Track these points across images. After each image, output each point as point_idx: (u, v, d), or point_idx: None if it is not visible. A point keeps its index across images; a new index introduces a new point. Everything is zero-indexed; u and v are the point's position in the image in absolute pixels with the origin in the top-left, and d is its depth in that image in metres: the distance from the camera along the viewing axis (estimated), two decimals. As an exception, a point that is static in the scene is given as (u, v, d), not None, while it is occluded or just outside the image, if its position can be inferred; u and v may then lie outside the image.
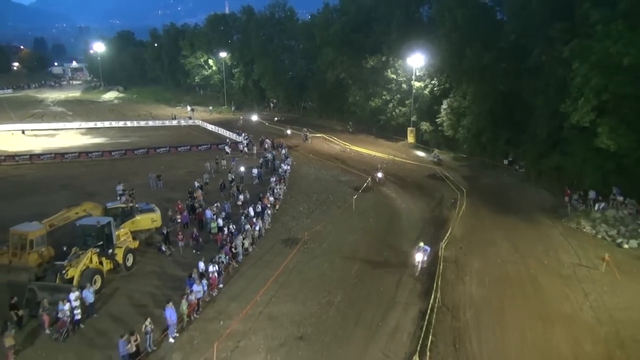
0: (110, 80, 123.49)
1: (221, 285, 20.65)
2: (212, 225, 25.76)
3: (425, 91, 48.53)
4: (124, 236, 22.67)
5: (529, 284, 21.24)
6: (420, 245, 22.19)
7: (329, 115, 67.44)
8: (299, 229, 27.49)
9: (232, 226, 25.01)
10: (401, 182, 37.57)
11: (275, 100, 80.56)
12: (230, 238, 23.84)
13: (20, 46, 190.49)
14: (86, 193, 31.95)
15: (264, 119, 69.85)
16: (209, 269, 20.18)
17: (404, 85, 52.15)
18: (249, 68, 79.99)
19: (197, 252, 23.43)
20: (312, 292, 20.39)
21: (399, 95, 52.95)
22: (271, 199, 30.01)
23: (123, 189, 30.94)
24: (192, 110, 77.63)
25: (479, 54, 37.44)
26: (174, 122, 67.83)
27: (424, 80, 48.98)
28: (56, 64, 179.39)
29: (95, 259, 20.43)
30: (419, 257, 21.85)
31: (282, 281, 21.18)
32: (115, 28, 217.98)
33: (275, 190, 31.63)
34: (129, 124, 66.37)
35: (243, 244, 23.71)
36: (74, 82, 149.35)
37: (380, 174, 36.92)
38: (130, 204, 25.23)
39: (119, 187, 30.99)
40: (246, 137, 50.62)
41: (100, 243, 20.90)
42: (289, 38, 77.10)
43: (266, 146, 47.30)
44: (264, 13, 77.98)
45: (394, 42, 50.57)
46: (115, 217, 22.89)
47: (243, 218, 26.51)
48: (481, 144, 40.93)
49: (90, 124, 65.35)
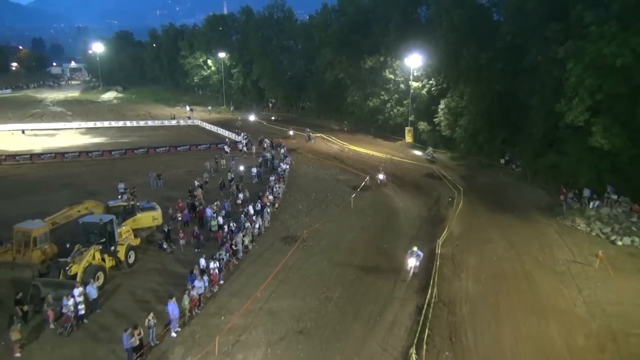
0: (109, 80, 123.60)
1: (222, 281, 20.95)
2: (213, 223, 26.02)
3: (423, 91, 48.90)
4: (125, 234, 22.97)
5: (524, 280, 21.60)
6: (414, 250, 21.56)
7: (327, 115, 67.64)
8: (298, 227, 27.81)
9: (232, 224, 25.31)
10: (399, 181, 37.83)
11: (273, 100, 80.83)
12: (230, 235, 24.10)
13: (19, 46, 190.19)
14: (87, 192, 32.07)
15: (262, 118, 70.18)
16: (210, 266, 20.49)
17: (401, 86, 52.43)
18: (247, 68, 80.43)
19: (198, 250, 23.66)
20: (311, 289, 20.70)
21: (396, 95, 53.24)
22: (270, 197, 30.34)
23: (125, 187, 31.23)
24: (191, 110, 77.82)
25: (476, 55, 37.75)
26: (173, 122, 68.00)
27: (422, 81, 49.32)
28: (55, 64, 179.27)
29: (98, 255, 20.71)
30: (412, 262, 21.19)
31: (282, 278, 21.49)
32: (113, 28, 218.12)
33: (274, 189, 31.92)
34: (128, 123, 66.50)
35: (243, 242, 24.01)
36: (73, 82, 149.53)
37: (381, 175, 36.50)
38: (131, 202, 25.51)
39: (121, 186, 31.26)
40: (245, 137, 50.93)
41: (103, 240, 21.16)
42: (288, 38, 77.44)
43: (265, 146, 47.61)
44: (263, 13, 78.32)
45: (392, 43, 50.88)
46: (116, 215, 23.10)
47: (243, 216, 26.79)
48: (478, 143, 41.25)
49: (90, 124, 65.49)
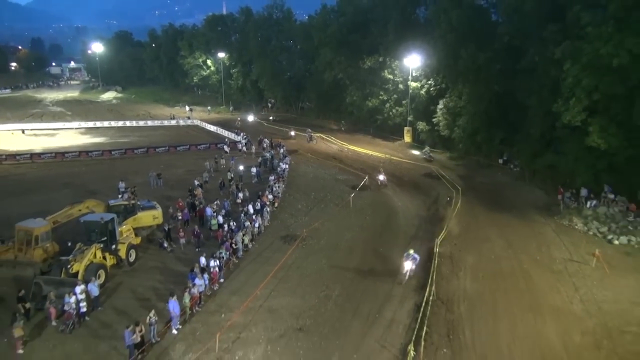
0: (109, 80, 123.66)
1: (222, 279, 21.12)
2: (213, 222, 26.19)
3: (422, 91, 49.08)
4: (126, 232, 23.13)
5: (521, 279, 21.82)
6: (410, 253, 21.06)
7: (326, 115, 67.77)
8: (298, 226, 27.99)
9: (232, 223, 25.46)
10: (398, 181, 37.96)
11: (273, 101, 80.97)
12: (230, 234, 24.27)
13: (19, 46, 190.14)
14: (87, 191, 32.21)
15: (261, 119, 70.35)
16: (210, 264, 20.66)
17: (400, 86, 52.64)
18: (247, 68, 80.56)
19: (199, 249, 23.80)
20: (311, 287, 20.88)
21: (395, 96, 53.45)
22: (270, 196, 30.52)
23: (125, 186, 31.40)
24: (191, 110, 77.96)
25: (474, 55, 37.98)
26: (173, 122, 68.17)
27: (421, 81, 49.50)
28: (54, 64, 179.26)
29: (99, 254, 20.86)
30: (408, 266, 20.82)
31: (281, 276, 21.66)
32: (112, 28, 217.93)
33: (274, 189, 32.08)
34: (127, 123, 66.62)
35: (243, 240, 24.17)
36: (72, 82, 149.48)
37: (381, 177, 36.06)
38: (132, 201, 25.69)
39: (121, 185, 31.43)
40: (244, 137, 51.12)
41: (104, 239, 21.33)
42: (287, 39, 77.52)
43: (264, 145, 47.81)
44: (262, 14, 78.39)
45: (390, 43, 51.06)
46: (117, 214, 23.23)
47: (243, 215, 26.94)
48: (476, 143, 41.47)
49: (90, 124, 65.61)
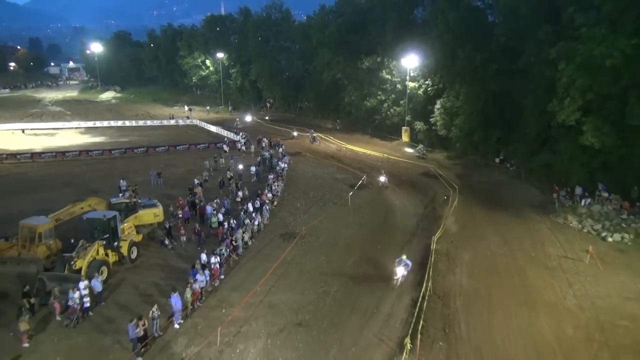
0: (108, 80, 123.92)
1: (222, 276, 21.51)
2: (213, 220, 26.55)
3: (419, 91, 49.38)
4: (128, 230, 23.51)
5: (516, 275, 22.21)
6: (402, 259, 20.78)
7: (324, 115, 68.11)
8: (297, 224, 28.36)
9: (232, 221, 25.80)
10: (396, 180, 38.19)
11: (271, 101, 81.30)
12: (230, 232, 24.62)
13: (17, 46, 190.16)
14: (88, 190, 32.47)
15: (260, 118, 70.70)
16: (211, 261, 21.03)
17: (398, 86, 52.99)
18: (246, 68, 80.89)
19: (200, 248, 24.04)
20: (310, 283, 21.26)
21: (393, 96, 53.82)
22: (269, 195, 30.88)
23: (127, 184, 31.74)
24: (190, 110, 78.31)
25: (471, 55, 38.36)
26: (172, 122, 68.49)
27: (418, 81, 49.81)
28: (52, 64, 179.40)
29: (102, 251, 21.23)
30: (400, 272, 20.48)
31: (281, 272, 22.03)
32: (110, 28, 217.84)
33: (273, 187, 32.45)
34: (127, 123, 66.90)
35: (243, 238, 24.53)
36: (71, 82, 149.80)
37: (383, 178, 35.74)
38: (133, 200, 26.05)
39: (123, 183, 31.75)
40: (244, 136, 51.48)
41: (107, 236, 21.73)
42: (286, 39, 77.92)
43: (263, 145, 48.18)
44: (261, 14, 78.77)
45: (388, 44, 51.41)
46: (119, 212, 23.55)
47: (242, 213, 27.29)
48: (473, 142, 41.84)
49: (89, 124, 65.88)
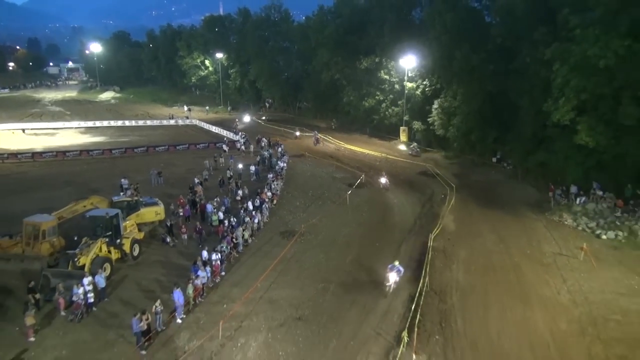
0: (107, 80, 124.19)
1: (223, 272, 21.88)
2: (214, 218, 26.95)
3: (417, 91, 49.82)
4: (130, 227, 23.85)
5: (511, 271, 22.65)
6: (395, 265, 20.44)
7: (323, 115, 68.48)
8: (296, 222, 28.73)
9: (233, 219, 26.17)
10: (394, 179, 38.42)
11: (270, 101, 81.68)
12: (230, 230, 24.99)
13: (16, 46, 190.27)
14: (89, 189, 32.59)
15: (258, 118, 71.05)
16: (212, 257, 21.42)
17: (396, 86, 53.40)
18: (245, 69, 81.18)
19: (201, 246, 24.32)
20: (309, 279, 21.65)
21: (391, 96, 54.20)
22: (269, 194, 31.25)
23: (129, 183, 32.07)
24: (189, 110, 78.71)
25: (468, 56, 38.73)
26: (172, 122, 68.82)
27: (416, 81, 50.24)
28: (51, 64, 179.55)
29: (105, 248, 21.60)
30: (392, 278, 20.10)
31: (281, 269, 22.41)
32: (109, 28, 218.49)
33: (272, 186, 32.82)
34: (127, 123, 67.22)
35: (243, 236, 24.91)
36: (70, 82, 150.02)
37: (384, 179, 35.60)
38: (135, 198, 26.42)
39: (125, 182, 32.07)
40: (243, 136, 51.84)
41: (109, 233, 22.07)
42: (285, 39, 78.29)
43: (263, 144, 48.55)
44: (260, 15, 79.18)
45: (387, 44, 51.82)
46: (121, 210, 23.88)
47: (242, 212, 27.67)
48: (471, 142, 42.23)
49: (89, 123, 66.18)
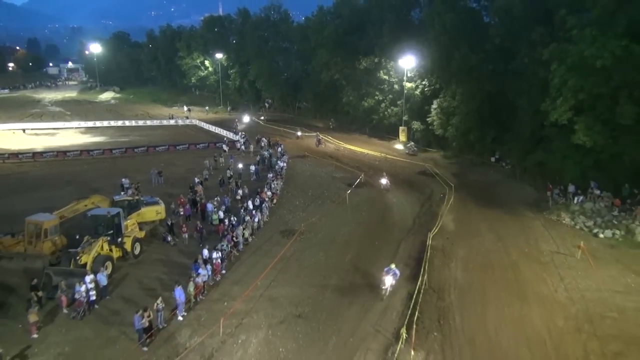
0: (107, 80, 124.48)
1: (224, 271, 22.07)
2: (214, 217, 27.14)
3: (416, 92, 50.06)
4: (131, 226, 24.01)
5: (509, 270, 22.85)
6: (391, 268, 20.18)
7: (323, 115, 68.67)
8: (296, 221, 28.92)
9: (233, 218, 26.34)
10: (393, 179, 38.54)
11: (270, 101, 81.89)
12: (231, 229, 25.15)
13: (16, 47, 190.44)
14: (90, 189, 32.64)
15: (258, 119, 71.25)
16: (213, 256, 21.59)
17: (395, 86, 53.60)
18: (244, 69, 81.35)
19: (202, 245, 24.54)
20: (309, 277, 21.85)
21: (391, 96, 54.41)
22: (269, 193, 31.45)
23: (130, 182, 32.24)
24: (189, 110, 78.92)
25: (467, 56, 38.96)
26: (172, 122, 69.01)
27: (415, 81, 50.48)
28: (51, 64, 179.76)
29: (106, 246, 21.79)
30: (389, 281, 19.89)
31: (281, 267, 22.60)
32: (108, 29, 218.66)
33: (272, 186, 33.02)
34: (127, 123, 67.43)
35: (243, 234, 25.10)
36: (70, 83, 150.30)
37: (384, 180, 35.48)
38: (136, 197, 26.60)
39: (126, 181, 32.26)
40: (243, 136, 52.04)
41: (111, 232, 22.24)
42: (284, 40, 78.56)
43: (262, 144, 48.76)
44: (259, 15, 79.41)
45: (386, 44, 52.03)
46: (122, 209, 24.00)
47: (242, 211, 27.87)
48: (469, 142, 42.44)
49: (89, 124, 66.40)
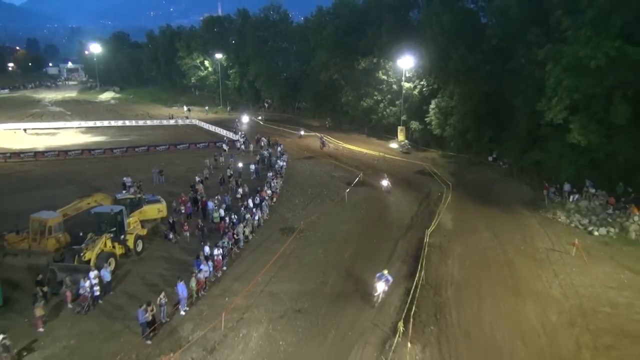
0: (106, 81, 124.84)
1: (225, 267, 22.50)
2: (215, 215, 27.52)
3: (415, 92, 50.46)
4: (134, 224, 24.42)
5: (505, 266, 23.30)
6: (384, 274, 19.86)
7: (322, 115, 68.96)
8: (295, 219, 29.32)
9: (234, 216, 26.78)
10: (391, 178, 38.80)
11: (269, 101, 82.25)
12: (231, 226, 25.56)
13: (16, 47, 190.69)
14: (91, 188, 33.01)
15: (256, 118, 71.53)
16: (214, 252, 22.03)
17: (394, 86, 53.94)
18: (244, 69, 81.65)
19: (203, 243, 24.85)
20: (308, 274, 22.28)
21: (389, 96, 54.75)
22: (269, 192, 31.84)
23: (132, 181, 32.60)
24: (189, 110, 79.28)
25: (464, 57, 39.34)
26: (172, 122, 69.35)
27: (413, 81, 50.86)
28: (51, 64, 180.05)
29: (109, 243, 22.19)
30: (381, 287, 19.64)
31: (281, 264, 23.04)
32: (107, 29, 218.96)
33: (272, 185, 33.40)
34: (127, 123, 67.74)
35: (244, 232, 25.49)
36: (70, 83, 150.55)
37: (385, 182, 35.41)
38: (138, 195, 26.99)
39: (128, 180, 32.60)
40: (243, 136, 52.44)
41: (114, 229, 22.69)
42: (284, 40, 78.89)
43: (262, 144, 49.15)
44: (259, 15, 79.81)
45: (384, 45, 52.36)
46: (125, 207, 24.37)
47: (243, 209, 28.29)
48: (467, 141, 42.86)
49: (90, 123, 66.71)
